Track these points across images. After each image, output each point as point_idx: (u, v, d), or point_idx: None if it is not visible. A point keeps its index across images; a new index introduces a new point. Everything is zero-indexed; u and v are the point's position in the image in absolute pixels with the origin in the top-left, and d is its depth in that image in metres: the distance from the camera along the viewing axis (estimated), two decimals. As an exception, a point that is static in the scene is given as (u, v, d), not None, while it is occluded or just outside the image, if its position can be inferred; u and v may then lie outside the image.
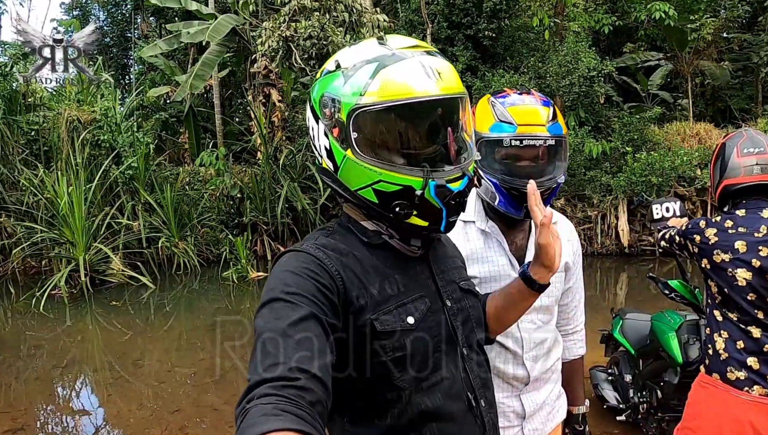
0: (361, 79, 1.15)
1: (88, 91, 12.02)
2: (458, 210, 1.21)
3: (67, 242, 9.87)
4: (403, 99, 1.12)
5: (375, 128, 1.15)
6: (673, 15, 12.27)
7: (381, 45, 1.20)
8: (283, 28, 8.70)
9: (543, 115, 1.69)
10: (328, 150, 1.20)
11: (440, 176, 1.16)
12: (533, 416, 1.84)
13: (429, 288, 1.27)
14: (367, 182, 1.16)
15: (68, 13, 21.93)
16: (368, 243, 1.24)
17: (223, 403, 5.19)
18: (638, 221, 11.43)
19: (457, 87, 1.19)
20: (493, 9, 12.24)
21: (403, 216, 1.17)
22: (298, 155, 12.18)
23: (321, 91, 1.21)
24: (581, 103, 11.73)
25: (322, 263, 1.13)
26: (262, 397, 0.89)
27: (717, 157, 2.41)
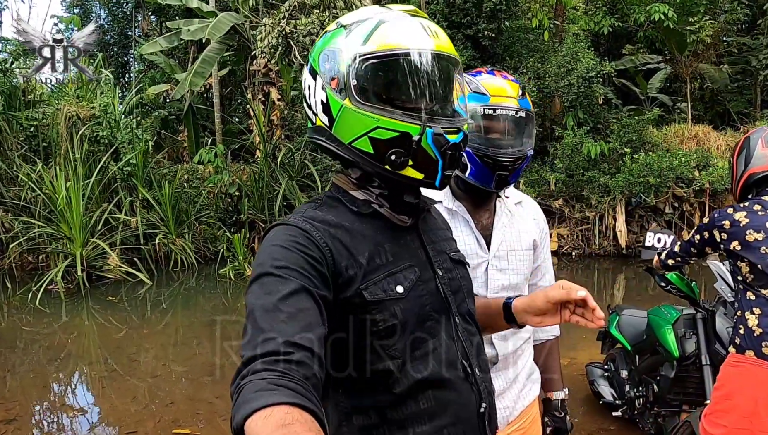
0: (363, 32, 1.17)
1: (88, 87, 12.01)
2: (453, 164, 1.20)
3: (64, 237, 9.86)
4: (401, 49, 1.15)
5: (374, 77, 1.16)
6: (672, 17, 12.29)
7: (382, 7, 1.24)
8: (283, 24, 8.70)
9: (512, 90, 1.77)
10: (324, 103, 1.21)
11: (437, 126, 1.16)
12: (503, 394, 1.85)
13: (419, 257, 1.26)
14: (364, 130, 1.16)
15: (69, 11, 21.90)
16: (358, 212, 1.23)
17: (218, 397, 5.18)
18: (636, 222, 11.44)
19: (451, 49, 1.22)
20: (492, 9, 12.25)
21: (398, 165, 1.17)
22: (297, 153, 12.18)
23: (322, 48, 1.23)
24: (580, 104, 11.74)
25: (309, 235, 1.13)
26: (255, 373, 0.89)
27: (741, 149, 2.54)
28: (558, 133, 11.74)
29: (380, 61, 1.15)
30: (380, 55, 1.15)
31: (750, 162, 2.46)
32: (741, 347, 2.34)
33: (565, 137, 11.43)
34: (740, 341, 2.35)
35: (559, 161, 11.38)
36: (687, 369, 3.43)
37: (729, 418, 2.36)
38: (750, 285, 2.36)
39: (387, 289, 1.16)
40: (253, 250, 11.59)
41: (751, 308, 2.33)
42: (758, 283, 2.33)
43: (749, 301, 2.35)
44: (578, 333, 5.75)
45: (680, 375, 3.47)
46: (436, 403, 1.20)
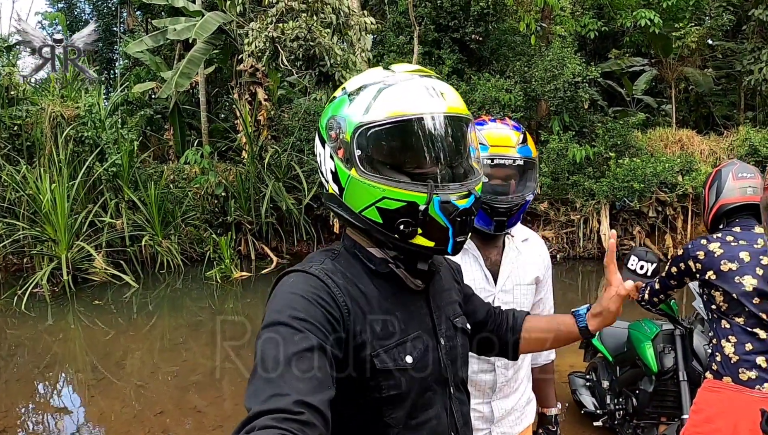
0: (366, 99, 1.16)
1: (72, 86, 11.91)
2: (465, 229, 1.19)
3: (49, 240, 9.79)
4: (403, 116, 1.13)
5: (378, 146, 1.15)
6: (658, 23, 12.41)
7: (385, 70, 1.22)
8: (271, 29, 8.69)
9: (513, 138, 1.88)
10: (333, 172, 1.20)
11: (445, 192, 1.14)
12: (502, 420, 1.97)
13: (426, 325, 1.25)
14: (371, 201, 1.15)
15: (53, 5, 21.67)
16: (374, 271, 1.22)
17: (207, 405, 5.21)
18: (620, 226, 11.56)
19: (460, 108, 1.20)
20: (480, 13, 12.30)
21: (407, 235, 1.15)
22: (284, 155, 12.17)
23: (327, 115, 1.23)
24: (566, 108, 11.83)
25: (331, 291, 1.11)
26: (264, 429, 0.87)
27: (713, 181, 2.65)
28: (544, 138, 11.83)
29: (383, 130, 1.14)
30: (381, 124, 1.13)
31: (721, 194, 2.57)
32: (718, 373, 2.42)
33: (550, 141, 11.51)
34: (717, 368, 2.42)
35: (544, 165, 11.47)
36: (665, 383, 3.51)
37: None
38: (724, 313, 2.44)
39: (397, 358, 1.15)
40: (240, 252, 11.60)
41: (727, 336, 2.41)
42: (732, 312, 2.41)
43: (724, 329, 2.43)
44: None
45: (659, 389, 3.55)
46: None
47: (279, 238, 12.07)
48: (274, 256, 11.50)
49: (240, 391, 5.50)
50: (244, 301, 9.37)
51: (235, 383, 5.77)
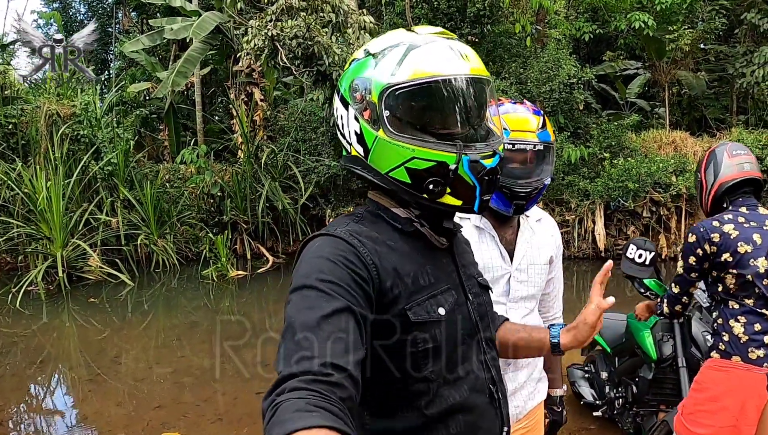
0: (392, 61, 1.16)
1: (68, 85, 11.89)
2: (491, 188, 1.21)
3: (44, 238, 9.76)
4: (433, 77, 1.14)
5: (406, 107, 1.15)
6: (652, 26, 12.50)
7: (409, 31, 1.23)
8: (270, 27, 8.71)
9: (533, 122, 1.89)
10: (358, 134, 1.20)
11: (473, 152, 1.16)
12: (515, 394, 1.99)
13: (454, 280, 1.27)
14: (400, 161, 1.15)
15: (48, 5, 21.62)
16: (401, 230, 1.23)
17: (204, 400, 5.20)
18: (614, 226, 11.62)
19: (483, 70, 1.21)
20: (476, 14, 12.37)
21: (437, 194, 1.16)
22: (280, 155, 12.17)
23: (351, 77, 1.22)
24: (561, 109, 11.89)
25: (357, 252, 1.11)
26: (293, 391, 0.87)
27: (708, 162, 2.67)
28: (539, 138, 11.88)
29: (412, 91, 1.14)
30: (412, 84, 1.13)
31: (719, 173, 2.59)
32: (727, 353, 2.45)
33: (546, 142, 11.56)
34: (725, 347, 2.46)
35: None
36: (664, 371, 3.54)
37: (716, 419, 2.48)
38: (733, 295, 2.47)
39: (430, 310, 1.16)
40: (236, 252, 11.58)
41: (735, 317, 2.45)
42: (743, 293, 2.45)
43: (732, 310, 2.47)
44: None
45: (658, 377, 3.58)
46: (466, 428, 1.20)
47: (275, 237, 12.06)
48: (270, 255, 11.49)
49: (237, 389, 5.50)
50: (240, 301, 9.36)
51: (232, 381, 5.76)
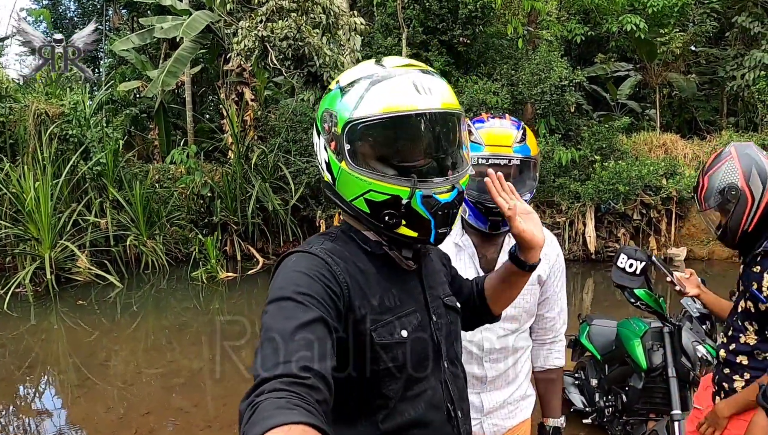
0: (355, 95, 1.21)
1: (57, 84, 11.79)
2: (446, 221, 1.24)
3: (32, 239, 9.67)
4: (391, 113, 1.17)
5: (366, 141, 1.20)
6: (643, 28, 12.55)
7: (377, 64, 1.26)
8: (260, 28, 8.67)
9: (511, 137, 1.86)
10: (327, 163, 1.27)
11: (427, 187, 1.20)
12: (493, 413, 1.98)
13: (420, 302, 1.32)
14: (359, 192, 1.21)
15: (37, 2, 21.44)
16: (370, 252, 1.28)
17: (194, 405, 5.16)
18: (605, 228, 11.66)
19: (449, 103, 1.23)
20: (468, 16, 12.36)
21: (392, 225, 1.22)
22: (270, 155, 12.12)
23: (322, 108, 1.28)
24: (552, 111, 11.91)
25: (331, 269, 1.17)
26: (272, 392, 0.91)
27: (748, 168, 2.21)
28: (530, 140, 11.91)
29: (370, 126, 1.19)
30: (370, 120, 1.18)
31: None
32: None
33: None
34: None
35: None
36: (654, 380, 3.53)
37: None
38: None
39: (393, 332, 1.22)
40: (226, 253, 11.53)
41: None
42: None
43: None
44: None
45: (648, 386, 3.57)
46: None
47: (265, 238, 12.01)
48: (260, 256, 11.44)
49: (227, 392, 5.48)
50: (229, 302, 9.32)
51: (221, 384, 5.74)
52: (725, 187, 2.21)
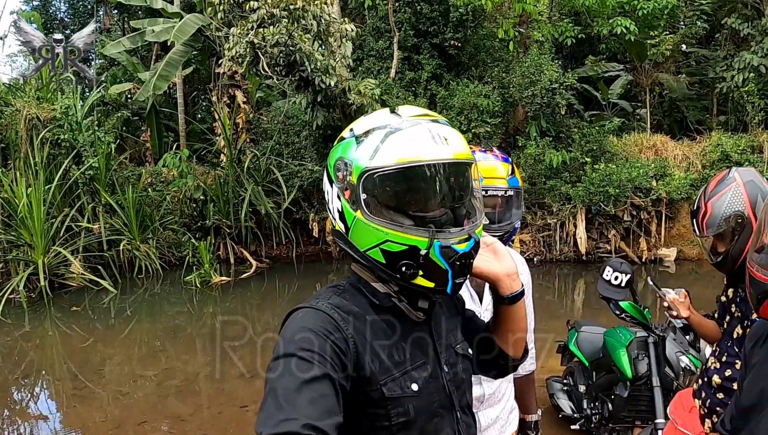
0: (372, 144, 1.20)
1: (48, 88, 11.77)
2: (463, 271, 1.23)
3: (25, 245, 9.67)
4: (408, 163, 1.17)
5: (383, 190, 1.20)
6: (633, 30, 12.63)
7: (392, 114, 1.26)
8: (251, 34, 8.70)
9: (502, 170, 2.02)
10: (340, 212, 1.25)
11: (445, 237, 1.19)
12: (488, 429, 2.07)
13: (429, 354, 1.31)
14: (375, 242, 1.20)
15: (28, 4, 21.34)
16: (378, 305, 1.27)
17: (190, 413, 5.21)
18: (596, 229, 11.76)
19: (464, 153, 1.24)
20: (459, 19, 12.41)
21: (409, 276, 1.20)
22: (263, 158, 12.16)
23: (335, 156, 1.27)
24: (543, 114, 11.99)
25: (338, 325, 1.17)
26: None
27: (752, 199, 2.16)
28: (521, 143, 11.99)
29: (388, 175, 1.18)
30: (387, 169, 1.18)
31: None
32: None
33: (528, 147, 11.67)
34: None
35: (521, 170, 11.61)
36: (639, 389, 3.61)
37: None
38: None
39: (403, 386, 1.21)
40: (219, 257, 11.56)
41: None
42: None
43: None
44: (539, 345, 5.93)
45: (633, 394, 3.65)
46: None
47: (258, 241, 12.06)
48: (254, 260, 11.48)
49: (220, 397, 5.53)
50: (223, 306, 9.36)
51: (216, 389, 5.79)
52: (731, 215, 2.18)
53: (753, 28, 12.83)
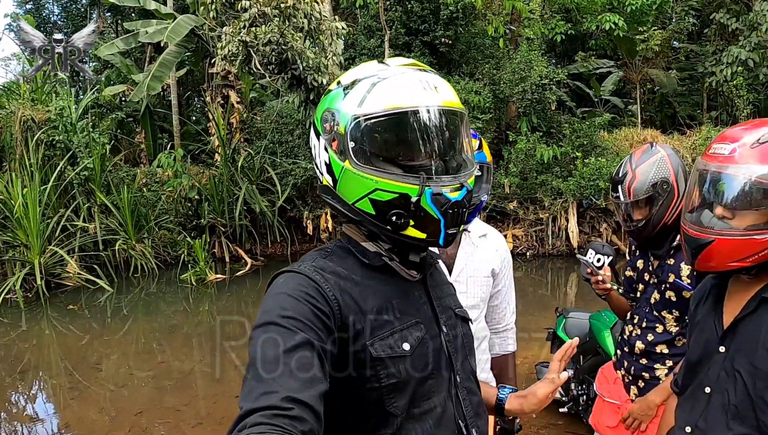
0: (360, 92, 1.18)
1: (42, 90, 11.82)
2: (456, 221, 1.20)
3: (21, 245, 9.72)
4: (396, 109, 1.15)
5: (371, 138, 1.17)
6: (622, 26, 12.76)
7: (380, 64, 1.25)
8: (243, 33, 8.79)
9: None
10: (327, 164, 1.22)
11: (437, 184, 1.16)
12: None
13: (425, 314, 1.26)
14: (364, 192, 1.16)
15: (21, 7, 21.36)
16: (368, 265, 1.23)
17: (185, 404, 5.29)
18: (587, 223, 11.87)
19: (454, 102, 1.21)
20: (449, 16, 12.53)
21: (399, 226, 1.17)
22: (257, 157, 12.24)
23: (323, 108, 1.24)
24: (533, 109, 12.10)
25: (319, 287, 1.12)
26: (254, 426, 0.89)
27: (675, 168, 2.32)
28: (512, 138, 12.10)
29: (377, 122, 1.15)
30: (376, 116, 1.15)
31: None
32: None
33: (518, 142, 11.78)
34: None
35: (513, 165, 11.74)
36: (624, 370, 3.70)
37: None
38: None
39: (394, 346, 1.16)
40: (214, 255, 11.63)
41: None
42: None
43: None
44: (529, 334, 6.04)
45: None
46: None
47: (253, 240, 12.13)
48: (249, 258, 11.56)
49: (216, 391, 5.60)
50: (219, 304, 9.43)
51: (212, 382, 5.87)
52: (658, 181, 2.31)
53: (741, 22, 12.96)
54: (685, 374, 1.66)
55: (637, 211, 2.40)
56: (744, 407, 1.43)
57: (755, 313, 1.45)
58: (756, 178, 1.38)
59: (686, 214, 1.54)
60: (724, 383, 1.48)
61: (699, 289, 1.72)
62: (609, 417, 2.66)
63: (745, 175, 1.40)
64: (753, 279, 1.49)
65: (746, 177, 1.39)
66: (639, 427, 2.44)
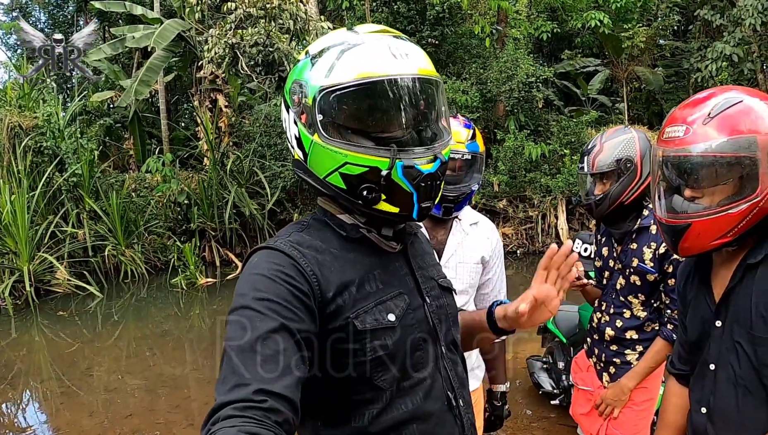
0: (327, 62, 1.12)
1: (30, 96, 11.77)
2: (430, 194, 1.15)
3: (10, 252, 9.65)
4: (365, 78, 1.08)
5: (340, 110, 1.11)
6: (607, 23, 12.84)
7: (349, 31, 1.18)
8: (230, 35, 8.79)
9: (463, 134, 2.15)
10: (297, 138, 1.17)
11: (408, 157, 1.11)
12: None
13: (408, 285, 1.22)
14: (334, 166, 1.12)
15: (7, 14, 21.27)
16: (346, 237, 1.19)
17: (176, 406, 5.27)
18: (576, 220, 11.93)
19: (428, 70, 1.15)
20: (436, 17, 12.57)
21: (371, 201, 1.12)
22: (246, 161, 12.23)
23: (291, 80, 1.19)
24: (521, 108, 12.16)
25: (297, 263, 1.08)
26: (226, 419, 0.86)
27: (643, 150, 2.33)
28: (500, 137, 12.14)
29: (344, 93, 1.10)
30: (342, 87, 1.09)
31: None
32: None
33: (506, 140, 11.83)
34: None
35: (501, 163, 11.78)
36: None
37: None
38: None
39: (378, 317, 1.12)
40: (204, 259, 11.60)
41: None
42: None
43: None
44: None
45: (607, 365, 3.76)
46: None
47: (243, 243, 12.10)
48: (239, 261, 11.52)
49: (208, 395, 5.57)
50: (210, 308, 9.39)
51: (203, 385, 5.84)
52: (623, 158, 2.35)
53: (725, 18, 13.07)
54: (688, 353, 1.66)
55: (599, 184, 2.42)
56: (750, 378, 1.42)
57: (743, 282, 1.46)
58: (715, 154, 1.39)
59: (656, 204, 1.55)
60: (726, 357, 1.48)
61: (683, 267, 1.72)
62: (582, 405, 2.69)
63: (704, 153, 1.40)
64: (735, 249, 1.49)
65: (706, 154, 1.40)
66: (612, 413, 2.47)
